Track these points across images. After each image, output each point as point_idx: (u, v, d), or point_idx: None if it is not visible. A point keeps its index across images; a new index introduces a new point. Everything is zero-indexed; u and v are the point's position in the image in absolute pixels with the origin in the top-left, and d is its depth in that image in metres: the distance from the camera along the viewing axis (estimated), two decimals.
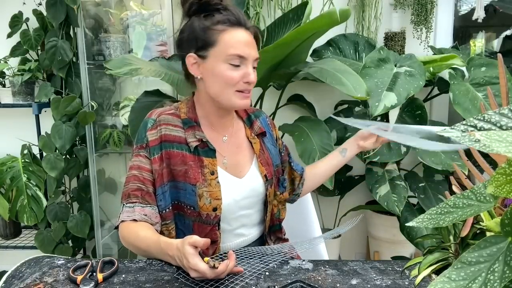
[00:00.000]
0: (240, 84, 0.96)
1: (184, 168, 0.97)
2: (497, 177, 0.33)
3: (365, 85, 1.42)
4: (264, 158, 1.08)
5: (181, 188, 0.98)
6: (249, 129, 1.10)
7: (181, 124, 1.00)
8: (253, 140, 1.08)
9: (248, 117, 1.12)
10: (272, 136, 1.14)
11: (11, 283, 0.84)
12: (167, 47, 1.89)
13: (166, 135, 0.98)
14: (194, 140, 0.98)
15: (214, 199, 0.97)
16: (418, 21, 1.92)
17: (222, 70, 0.95)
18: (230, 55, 0.93)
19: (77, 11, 1.82)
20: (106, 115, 2.14)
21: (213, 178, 0.98)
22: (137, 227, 0.93)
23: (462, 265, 0.36)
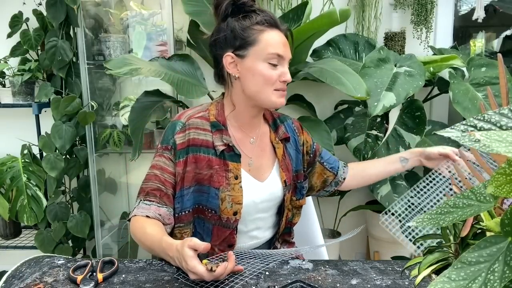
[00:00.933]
0: (277, 83, 0.99)
1: (210, 172, 0.99)
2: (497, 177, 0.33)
3: (365, 85, 1.42)
4: (285, 164, 1.08)
5: (205, 191, 0.99)
6: (274, 133, 1.10)
7: (210, 127, 1.01)
8: (276, 144, 1.09)
9: (274, 121, 1.12)
10: (296, 141, 1.14)
11: (11, 283, 0.84)
12: (167, 47, 1.89)
13: (194, 139, 0.99)
14: (220, 144, 1.00)
15: (236, 203, 0.98)
16: (418, 21, 1.92)
17: (262, 69, 0.97)
18: (270, 54, 0.96)
19: (77, 11, 1.82)
20: (106, 115, 2.14)
21: (236, 183, 0.99)
22: (146, 223, 0.94)
23: (462, 265, 0.36)
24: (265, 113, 1.12)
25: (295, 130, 1.15)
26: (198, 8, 1.76)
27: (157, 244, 0.88)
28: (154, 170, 1.00)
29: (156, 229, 0.92)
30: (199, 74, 1.77)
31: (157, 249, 0.89)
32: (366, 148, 1.62)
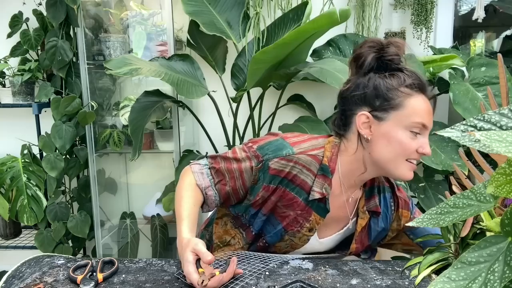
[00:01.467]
0: (414, 154, 0.88)
1: (289, 213, 0.94)
2: (497, 177, 0.33)
3: None
4: (361, 237, 1.01)
5: (271, 223, 0.96)
6: (364, 200, 1.00)
7: (316, 170, 0.93)
8: (362, 214, 0.99)
9: (370, 188, 1.01)
10: (388, 217, 1.02)
11: (11, 283, 0.84)
12: (167, 47, 1.89)
13: (295, 176, 0.92)
14: (318, 191, 0.92)
15: (291, 248, 0.97)
16: (418, 21, 1.92)
17: (402, 137, 0.87)
18: (414, 123, 0.86)
19: (77, 11, 1.82)
20: (106, 115, 2.14)
21: (307, 234, 0.96)
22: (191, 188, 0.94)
23: (462, 265, 0.36)
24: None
25: (390, 205, 1.03)
26: (198, 8, 1.76)
27: (178, 219, 0.89)
28: (235, 164, 0.94)
29: (191, 202, 0.91)
30: (199, 74, 1.77)
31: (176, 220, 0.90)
32: None
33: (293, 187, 0.92)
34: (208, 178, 0.95)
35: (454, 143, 1.65)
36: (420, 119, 0.86)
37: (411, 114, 0.86)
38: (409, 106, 0.87)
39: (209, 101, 1.81)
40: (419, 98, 0.88)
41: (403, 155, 0.88)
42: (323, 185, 0.92)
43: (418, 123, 0.87)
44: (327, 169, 0.92)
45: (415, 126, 0.87)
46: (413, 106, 0.87)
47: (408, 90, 0.87)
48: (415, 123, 0.86)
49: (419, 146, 0.88)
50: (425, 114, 0.87)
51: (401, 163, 0.89)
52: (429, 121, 0.88)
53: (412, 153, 0.88)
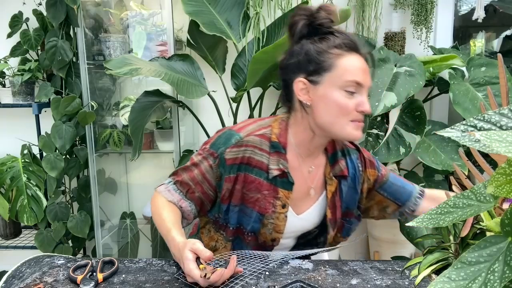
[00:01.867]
0: (354, 113, 0.89)
1: (257, 196, 0.94)
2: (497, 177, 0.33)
3: None
4: (333, 201, 1.01)
5: (247, 214, 0.96)
6: (330, 167, 1.01)
7: (268, 148, 0.95)
8: (329, 180, 1.00)
9: (334, 154, 1.02)
10: (356, 179, 1.03)
11: (11, 283, 0.84)
12: (167, 47, 1.89)
13: (250, 158, 0.93)
14: (276, 168, 0.93)
15: (276, 232, 0.96)
16: (418, 21, 1.92)
17: (337, 97, 0.88)
18: (348, 82, 0.87)
19: (77, 11, 1.82)
20: (106, 115, 2.14)
21: (282, 212, 0.96)
22: (165, 206, 0.94)
23: (462, 265, 0.36)
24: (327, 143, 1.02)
25: (358, 166, 1.04)
26: (198, 8, 1.76)
27: (165, 232, 0.88)
28: (195, 169, 0.96)
29: (171, 216, 0.91)
30: (199, 74, 1.78)
31: (164, 236, 0.89)
32: (367, 147, 1.62)
33: (251, 169, 0.94)
34: (177, 192, 0.96)
35: (454, 143, 1.66)
36: (352, 77, 0.87)
37: (343, 73, 0.87)
38: (340, 66, 0.88)
39: (209, 101, 1.81)
40: (350, 57, 0.88)
41: (343, 115, 0.89)
42: (278, 161, 0.94)
43: (351, 81, 0.87)
44: (278, 145, 0.94)
45: (349, 85, 0.88)
46: (345, 65, 0.88)
47: (338, 51, 0.88)
48: (348, 82, 0.87)
49: (357, 104, 0.88)
50: (358, 71, 0.88)
51: (345, 124, 0.89)
52: (363, 78, 0.88)
53: (352, 113, 0.89)
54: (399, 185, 1.08)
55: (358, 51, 0.90)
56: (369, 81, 0.90)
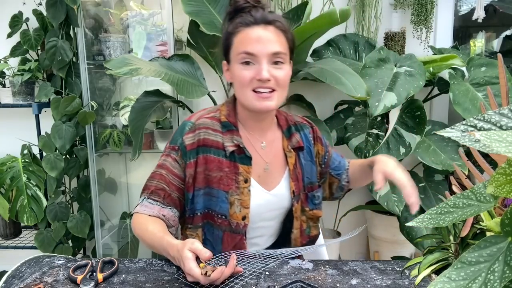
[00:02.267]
0: (254, 83, 0.92)
1: (220, 175, 0.96)
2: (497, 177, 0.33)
3: (365, 85, 1.42)
4: (295, 174, 1.04)
5: (214, 195, 0.97)
6: (286, 141, 1.05)
7: (220, 128, 0.99)
8: (288, 153, 1.04)
9: (288, 128, 1.07)
10: (311, 152, 1.09)
11: (11, 283, 0.84)
12: (167, 47, 1.89)
13: (205, 139, 0.97)
14: (231, 144, 0.97)
15: (244, 208, 0.97)
16: (418, 21, 1.92)
17: (236, 71, 0.93)
18: (239, 54, 0.92)
19: (77, 11, 1.82)
20: (106, 115, 2.14)
21: (245, 186, 0.97)
22: (148, 221, 0.93)
23: (462, 265, 0.36)
24: (280, 119, 1.07)
25: (310, 140, 1.10)
26: (198, 8, 1.76)
27: (158, 242, 0.87)
28: (161, 170, 0.98)
29: (157, 227, 0.92)
30: (199, 74, 1.77)
31: (158, 247, 0.88)
32: (367, 147, 1.62)
33: (209, 149, 0.97)
34: (153, 204, 0.96)
35: (454, 143, 1.66)
36: (242, 48, 0.92)
37: (237, 47, 0.93)
38: (235, 42, 0.94)
39: (209, 101, 1.81)
40: (244, 31, 0.93)
41: (243, 86, 0.94)
42: (232, 138, 0.98)
43: (241, 52, 0.92)
44: (229, 124, 0.99)
45: (242, 57, 0.92)
46: (238, 40, 0.93)
47: (237, 29, 0.94)
48: (240, 54, 0.92)
49: (255, 74, 0.92)
50: (248, 42, 0.91)
51: (247, 94, 0.94)
52: (254, 47, 0.91)
53: (251, 82, 0.92)
54: (338, 161, 1.16)
55: (259, 23, 0.93)
56: (265, 49, 0.91)
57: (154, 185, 0.97)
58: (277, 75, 0.92)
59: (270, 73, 0.91)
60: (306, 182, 1.06)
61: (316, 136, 1.12)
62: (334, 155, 1.17)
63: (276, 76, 0.92)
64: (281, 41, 0.93)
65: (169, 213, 0.96)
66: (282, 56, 0.93)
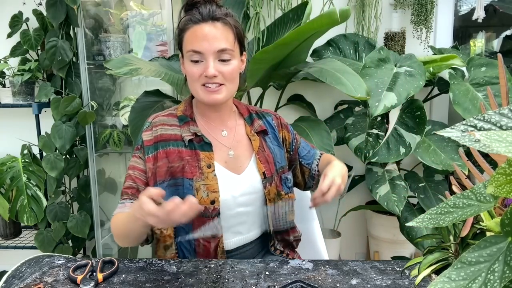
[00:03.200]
0: (202, 78, 0.97)
1: (182, 164, 0.99)
2: (497, 177, 0.33)
3: (365, 85, 1.42)
4: (264, 156, 1.07)
5: (179, 184, 0.99)
6: (249, 127, 1.10)
7: (177, 122, 1.04)
8: (252, 137, 1.08)
9: (249, 116, 1.12)
10: (277, 137, 1.13)
11: (11, 283, 0.84)
12: (167, 47, 1.89)
13: (162, 134, 1.01)
14: (188, 134, 1.01)
15: (212, 192, 0.98)
16: (418, 21, 1.92)
17: (187, 67, 0.99)
18: (188, 52, 0.97)
19: (77, 11, 1.82)
20: (106, 115, 2.14)
21: (209, 171, 0.99)
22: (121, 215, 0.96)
23: (462, 265, 0.36)
24: (240, 108, 1.12)
25: (274, 126, 1.14)
26: None
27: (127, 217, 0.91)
28: (128, 171, 1.03)
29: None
30: None
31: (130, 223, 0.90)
32: (367, 147, 1.62)
33: (167, 143, 1.01)
34: (123, 203, 0.99)
35: (454, 143, 1.66)
36: (190, 47, 0.96)
37: (186, 45, 0.98)
38: (185, 39, 0.98)
39: None
40: (193, 28, 0.96)
41: (193, 81, 0.99)
42: (189, 128, 1.02)
43: (189, 51, 0.97)
44: (184, 117, 1.04)
45: (190, 55, 0.97)
46: (187, 38, 0.98)
47: (186, 26, 0.98)
48: (188, 52, 0.97)
49: (203, 70, 0.96)
50: (195, 40, 0.96)
51: (198, 89, 0.99)
52: (201, 46, 0.95)
53: (200, 78, 0.97)
54: (307, 150, 1.19)
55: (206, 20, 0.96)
56: (210, 47, 0.95)
57: (124, 187, 1.02)
58: (224, 71, 0.97)
59: (216, 69, 0.96)
60: (278, 166, 1.09)
61: (280, 123, 1.16)
62: (303, 144, 1.20)
63: (223, 71, 0.97)
64: (228, 37, 0.97)
65: None
66: (229, 52, 0.97)
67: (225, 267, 0.89)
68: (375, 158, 1.62)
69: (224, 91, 0.99)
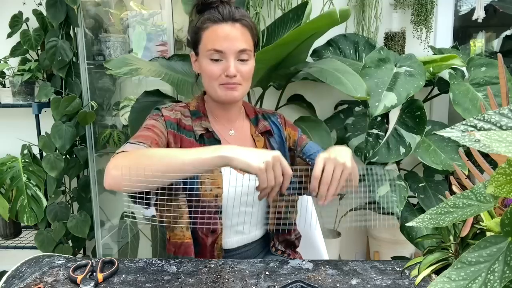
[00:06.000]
0: (221, 78, 0.99)
1: None
2: (497, 177, 0.33)
3: (365, 85, 1.42)
4: None
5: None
6: (254, 127, 1.11)
7: (190, 115, 1.06)
8: (256, 138, 1.10)
9: (255, 117, 1.13)
10: (282, 136, 1.13)
11: (11, 283, 0.84)
12: (167, 47, 1.89)
13: (181, 120, 1.04)
14: (199, 129, 1.03)
15: (216, 188, 0.99)
16: (418, 21, 1.92)
17: (205, 65, 0.99)
18: (208, 50, 0.98)
19: (77, 11, 1.82)
20: (106, 115, 2.14)
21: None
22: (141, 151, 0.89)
23: (462, 265, 0.36)
24: (247, 110, 1.14)
25: (279, 125, 1.15)
26: None
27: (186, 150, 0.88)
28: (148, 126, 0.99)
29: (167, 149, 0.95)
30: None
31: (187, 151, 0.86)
32: (367, 147, 1.62)
33: (184, 131, 1.03)
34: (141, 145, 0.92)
35: (454, 143, 1.65)
36: (211, 46, 0.97)
37: (206, 44, 0.99)
38: (204, 38, 0.99)
39: None
40: (213, 27, 0.98)
41: (212, 80, 1.00)
42: (200, 123, 1.04)
43: (210, 49, 0.97)
44: (197, 112, 1.07)
45: (211, 53, 0.98)
46: (207, 36, 0.98)
47: (205, 25, 0.99)
48: (208, 51, 0.98)
49: (223, 70, 0.98)
50: (217, 40, 0.97)
51: (216, 87, 1.00)
52: (223, 45, 0.97)
53: (220, 77, 0.99)
54: (316, 150, 1.15)
55: (226, 20, 0.97)
56: (233, 46, 0.97)
57: (142, 135, 0.96)
58: (242, 70, 0.99)
59: (236, 69, 0.98)
60: None
61: (285, 122, 1.18)
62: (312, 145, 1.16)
63: (242, 71, 0.99)
64: (247, 38, 1.00)
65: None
66: (248, 52, 1.00)
67: (225, 267, 0.89)
68: (375, 158, 1.61)
69: (240, 90, 1.01)
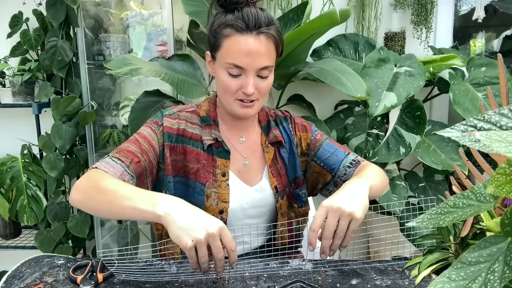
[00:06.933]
0: (238, 93, 0.91)
1: (197, 166, 0.96)
2: (497, 177, 0.33)
3: (365, 85, 1.42)
4: (276, 169, 1.03)
5: (190, 186, 0.96)
6: (264, 137, 1.05)
7: (199, 122, 0.99)
8: (266, 148, 1.04)
9: (267, 124, 1.06)
10: (291, 144, 1.06)
11: (11, 283, 0.84)
12: (167, 47, 1.89)
13: (185, 130, 0.97)
14: (209, 138, 0.97)
15: (222, 202, 0.95)
16: (418, 21, 1.92)
17: (222, 77, 0.91)
18: (228, 64, 0.89)
19: (77, 11, 1.82)
20: (106, 115, 2.14)
21: (223, 180, 0.96)
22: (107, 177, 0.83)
23: (462, 265, 0.36)
24: (260, 115, 1.07)
25: (290, 131, 1.07)
26: (198, 8, 1.76)
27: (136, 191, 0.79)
28: (137, 137, 0.95)
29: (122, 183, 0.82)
30: (199, 74, 1.77)
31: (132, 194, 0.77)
32: (367, 147, 1.62)
33: (187, 141, 0.97)
34: (117, 164, 0.87)
35: (454, 143, 1.66)
36: (231, 60, 0.88)
37: (225, 55, 0.89)
38: (224, 47, 0.89)
39: None
40: (236, 39, 0.88)
41: (227, 94, 0.92)
42: (210, 132, 0.98)
43: (230, 64, 0.89)
44: (207, 119, 1.00)
45: (230, 67, 0.89)
46: (228, 47, 0.89)
47: (227, 31, 0.89)
48: (227, 64, 0.89)
49: (240, 86, 0.90)
50: (239, 55, 0.88)
51: (231, 101, 0.93)
52: (245, 61, 0.88)
53: (236, 93, 0.91)
54: (331, 152, 1.06)
55: (251, 31, 0.88)
56: (255, 64, 0.88)
57: (126, 147, 0.91)
58: (261, 87, 0.92)
59: (255, 85, 0.90)
60: (291, 178, 1.04)
61: (296, 125, 1.08)
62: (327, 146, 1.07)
63: (260, 87, 0.92)
64: (270, 53, 0.91)
65: (129, 180, 0.87)
66: (269, 69, 0.92)
67: (225, 267, 0.89)
68: (375, 158, 1.61)
69: (257, 106, 0.95)
